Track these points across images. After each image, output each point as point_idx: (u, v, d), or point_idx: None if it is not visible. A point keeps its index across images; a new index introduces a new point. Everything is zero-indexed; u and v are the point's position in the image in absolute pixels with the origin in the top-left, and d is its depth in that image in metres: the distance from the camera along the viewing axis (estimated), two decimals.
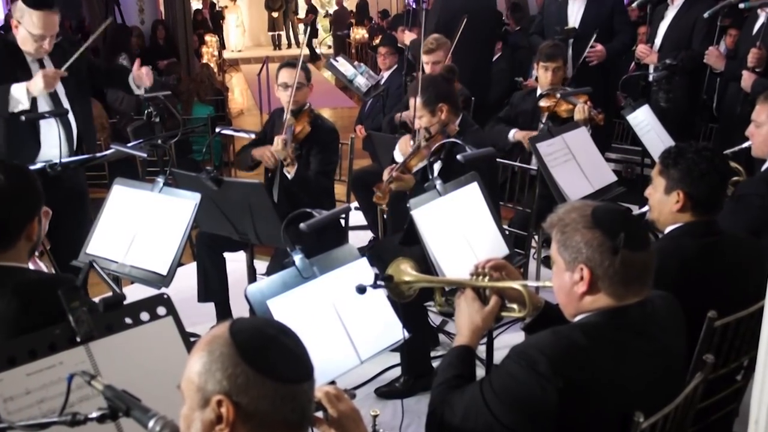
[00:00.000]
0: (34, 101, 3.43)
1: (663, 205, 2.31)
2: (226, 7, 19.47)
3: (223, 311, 3.75)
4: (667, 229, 2.33)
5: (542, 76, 4.38)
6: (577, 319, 1.77)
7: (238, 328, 1.26)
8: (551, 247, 1.80)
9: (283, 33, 19.86)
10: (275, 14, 19.58)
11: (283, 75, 3.79)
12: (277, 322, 1.37)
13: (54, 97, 3.54)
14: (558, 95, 4.19)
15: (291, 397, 1.23)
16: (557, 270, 1.78)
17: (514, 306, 2.01)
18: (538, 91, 4.41)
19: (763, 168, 2.90)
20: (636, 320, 1.71)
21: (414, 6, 7.31)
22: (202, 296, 3.76)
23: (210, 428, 1.21)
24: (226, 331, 1.25)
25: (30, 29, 3.35)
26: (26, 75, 3.43)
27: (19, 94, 3.34)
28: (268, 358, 1.23)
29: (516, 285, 1.98)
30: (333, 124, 3.92)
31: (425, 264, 2.71)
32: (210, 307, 3.78)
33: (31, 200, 1.99)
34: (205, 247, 3.71)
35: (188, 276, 3.88)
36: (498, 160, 3.68)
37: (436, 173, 3.10)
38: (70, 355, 1.65)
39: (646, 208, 2.50)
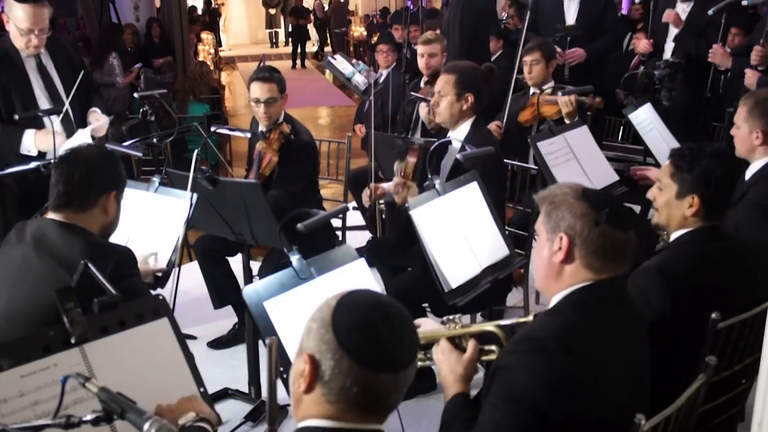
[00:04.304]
0: (33, 100, 3.41)
1: (673, 208, 2.25)
2: (222, 4, 19.42)
3: (243, 310, 3.60)
4: (675, 235, 2.27)
5: (525, 73, 4.32)
6: (555, 300, 1.79)
7: (344, 302, 1.34)
8: (537, 220, 1.83)
9: (281, 30, 19.80)
10: (273, 11, 19.54)
11: (255, 90, 3.50)
12: (389, 307, 1.35)
13: (54, 94, 3.50)
14: (560, 94, 4.14)
15: (363, 381, 1.27)
16: (539, 244, 1.83)
17: (493, 347, 1.97)
18: (531, 91, 4.36)
19: (754, 171, 2.83)
20: (610, 292, 1.76)
21: (412, 7, 7.26)
22: (217, 302, 3.68)
23: (299, 376, 1.33)
24: (338, 297, 1.36)
25: (17, 23, 3.31)
26: (21, 76, 3.39)
27: (29, 144, 3.37)
28: (353, 338, 1.29)
29: (489, 327, 1.97)
30: (309, 137, 3.66)
31: (424, 264, 2.68)
32: (207, 309, 3.74)
33: (114, 176, 2.29)
34: (204, 257, 3.65)
35: (184, 277, 3.84)
36: None
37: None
38: (65, 357, 1.64)
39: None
